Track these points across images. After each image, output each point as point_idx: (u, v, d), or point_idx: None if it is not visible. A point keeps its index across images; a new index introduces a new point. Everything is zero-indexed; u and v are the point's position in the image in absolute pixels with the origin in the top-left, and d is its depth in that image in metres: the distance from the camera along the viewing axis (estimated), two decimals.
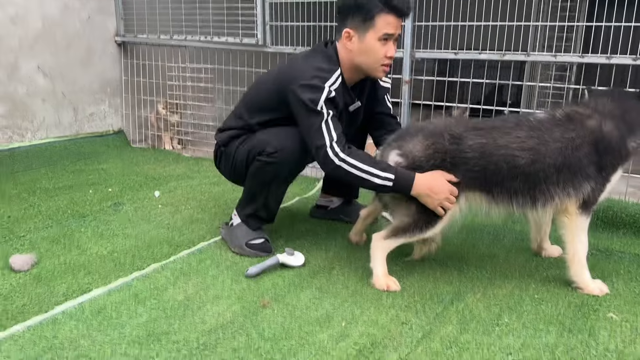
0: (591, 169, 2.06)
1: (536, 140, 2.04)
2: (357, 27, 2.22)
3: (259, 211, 2.42)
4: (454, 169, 2.07)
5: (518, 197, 2.08)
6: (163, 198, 3.21)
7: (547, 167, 2.03)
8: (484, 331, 1.84)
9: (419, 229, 2.12)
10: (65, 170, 3.79)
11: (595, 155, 2.06)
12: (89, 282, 2.12)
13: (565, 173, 2.05)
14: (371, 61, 2.26)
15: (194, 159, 4.21)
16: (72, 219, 2.82)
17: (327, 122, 2.16)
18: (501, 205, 2.11)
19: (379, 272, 2.14)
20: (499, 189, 2.08)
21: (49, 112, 4.23)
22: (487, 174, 2.05)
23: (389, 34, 2.21)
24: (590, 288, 2.12)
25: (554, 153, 2.03)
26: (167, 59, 4.56)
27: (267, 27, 3.90)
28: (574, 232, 2.12)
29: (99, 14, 4.47)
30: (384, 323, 1.87)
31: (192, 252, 2.41)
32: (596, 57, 2.88)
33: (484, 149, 2.05)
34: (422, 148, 2.10)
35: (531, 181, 2.05)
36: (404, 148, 2.13)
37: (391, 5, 2.17)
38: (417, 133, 2.14)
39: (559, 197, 2.08)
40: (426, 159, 2.08)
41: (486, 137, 2.06)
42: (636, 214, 2.78)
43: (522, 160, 2.03)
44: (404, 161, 2.11)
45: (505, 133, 2.07)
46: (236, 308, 1.94)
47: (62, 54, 4.25)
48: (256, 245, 2.39)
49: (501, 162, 2.03)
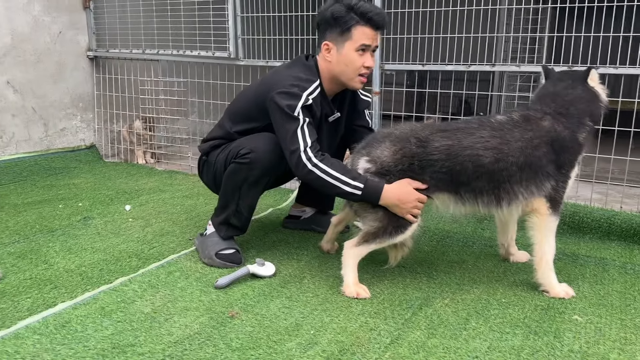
0: (550, 167, 2.12)
1: (499, 139, 2.10)
2: (335, 39, 2.29)
3: (231, 218, 2.42)
4: (422, 172, 2.12)
5: (483, 196, 2.13)
6: (134, 212, 3.19)
7: (510, 165, 2.08)
8: (452, 335, 1.85)
9: (389, 234, 2.14)
10: (35, 185, 3.74)
11: (552, 154, 2.12)
12: (54, 296, 2.09)
13: (527, 171, 2.10)
14: (349, 71, 2.32)
15: (167, 173, 4.19)
16: (40, 233, 2.78)
17: (303, 128, 2.20)
18: (468, 205, 2.16)
19: (349, 280, 2.15)
20: (465, 189, 2.12)
21: (19, 127, 4.17)
22: (454, 175, 2.10)
23: (366, 45, 2.28)
24: (557, 291, 2.16)
25: (515, 152, 2.09)
26: (139, 73, 4.55)
27: (239, 41, 3.93)
28: (543, 232, 2.16)
29: (70, 29, 4.45)
30: (353, 330, 1.87)
31: (161, 265, 2.39)
32: (558, 67, 2.96)
33: (450, 150, 2.10)
34: (390, 153, 2.14)
35: (495, 180, 2.10)
36: (373, 154, 2.17)
37: (367, 18, 2.25)
38: (385, 139, 2.17)
39: (522, 195, 2.13)
40: (394, 164, 2.12)
41: (451, 139, 2.12)
42: (601, 219, 2.84)
43: (486, 159, 2.08)
44: (373, 167, 2.14)
45: (469, 134, 2.13)
46: (204, 319, 1.92)
47: (31, 69, 4.21)
48: (226, 256, 2.38)
49: (467, 162, 2.08)
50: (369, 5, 2.28)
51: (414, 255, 2.56)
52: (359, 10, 2.24)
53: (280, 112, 2.23)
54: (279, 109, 2.23)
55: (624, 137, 3.06)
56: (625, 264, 2.51)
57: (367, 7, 2.26)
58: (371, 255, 2.25)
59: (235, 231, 2.47)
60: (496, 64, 3.54)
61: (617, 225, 2.81)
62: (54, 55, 4.36)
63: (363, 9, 2.25)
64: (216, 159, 2.46)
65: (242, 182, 2.34)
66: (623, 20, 3.03)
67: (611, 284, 2.30)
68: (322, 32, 2.34)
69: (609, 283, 2.30)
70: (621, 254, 2.65)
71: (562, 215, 2.90)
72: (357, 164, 2.19)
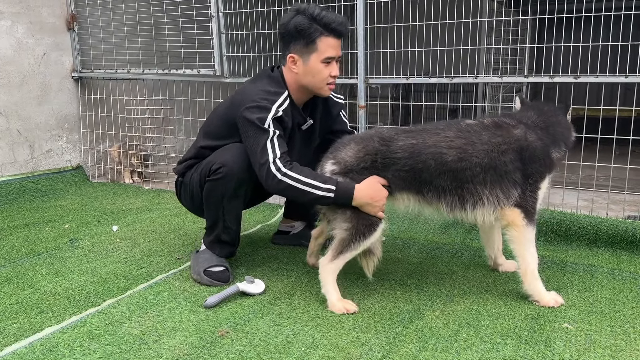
0: (517, 175, 2.15)
1: (464, 140, 2.14)
2: (300, 51, 2.31)
3: (221, 235, 2.42)
4: (385, 170, 2.15)
5: (447, 196, 2.15)
6: (121, 232, 3.16)
7: (474, 165, 2.11)
8: (443, 348, 1.85)
9: (362, 235, 2.13)
10: (21, 208, 3.70)
11: (520, 163, 2.14)
12: (41, 320, 2.06)
13: (492, 174, 2.12)
14: (317, 81, 2.34)
15: (155, 192, 4.17)
16: (26, 257, 2.74)
17: (273, 140, 2.22)
18: (431, 205, 2.19)
19: (333, 298, 2.14)
20: (428, 188, 2.15)
21: (4, 150, 4.14)
22: (417, 172, 2.13)
23: (330, 57, 2.31)
24: (546, 300, 2.17)
25: (480, 153, 2.11)
26: (125, 92, 4.55)
27: (224, 59, 3.95)
28: (522, 244, 2.17)
29: (54, 50, 4.45)
30: (344, 345, 1.86)
31: (149, 285, 2.36)
32: (540, 77, 3.01)
33: (413, 149, 2.13)
34: (353, 153, 2.18)
35: (459, 179, 2.12)
36: (338, 156, 2.21)
37: (330, 28, 2.28)
38: (350, 142, 2.24)
39: (487, 198, 2.15)
40: (357, 162, 2.16)
41: (416, 138, 2.16)
42: (588, 226, 2.86)
43: (449, 157, 2.11)
44: (337, 168, 2.18)
45: (434, 134, 2.17)
46: (193, 339, 1.90)
47: (16, 91, 4.19)
48: (214, 273, 2.37)
49: (429, 160, 2.11)
50: (331, 15, 2.29)
51: (403, 267, 2.56)
52: (322, 21, 2.26)
53: (251, 125, 2.23)
54: (250, 122, 2.23)
55: (608, 144, 3.09)
56: (613, 270, 2.53)
57: (330, 17, 2.28)
58: (359, 268, 2.25)
59: (229, 247, 2.48)
60: (479, 75, 3.58)
61: (604, 232, 2.83)
62: (39, 77, 4.35)
63: (326, 19, 2.27)
64: (191, 179, 2.47)
65: (222, 198, 2.34)
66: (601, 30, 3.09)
67: (600, 290, 2.31)
68: (285, 43, 2.35)
69: (597, 290, 2.32)
70: (609, 261, 2.66)
71: (549, 223, 2.94)
72: (324, 167, 2.23)
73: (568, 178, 3.40)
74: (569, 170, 3.24)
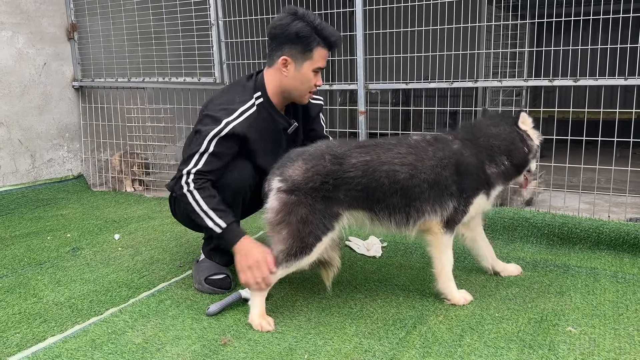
0: (454, 188, 2.15)
1: (414, 156, 2.13)
2: (296, 56, 2.31)
3: (219, 244, 2.40)
4: (336, 190, 2.06)
5: (396, 213, 2.13)
6: (123, 240, 3.16)
7: (422, 182, 2.10)
8: (447, 353, 1.84)
9: (294, 256, 2.06)
10: (23, 218, 3.70)
11: (456, 176, 2.15)
12: (44, 330, 2.06)
13: (435, 190, 2.13)
14: (303, 88, 2.38)
15: (156, 200, 4.17)
16: (28, 266, 2.74)
17: (202, 155, 2.24)
18: (382, 223, 2.16)
19: (255, 312, 2.08)
20: (380, 206, 2.12)
21: (5, 160, 4.15)
22: (370, 191, 2.09)
23: (321, 68, 2.36)
24: (456, 299, 2.22)
25: (427, 169, 2.11)
26: (125, 101, 4.56)
27: (224, 66, 3.97)
28: (440, 249, 2.21)
29: (55, 60, 4.46)
30: (347, 352, 1.86)
31: (151, 294, 2.36)
32: (539, 81, 3.01)
33: (367, 166, 2.08)
34: (302, 172, 2.07)
35: (408, 197, 2.11)
36: (285, 174, 2.10)
37: (328, 42, 2.32)
38: (298, 158, 2.13)
39: (428, 213, 2.15)
40: (305, 182, 2.05)
41: (370, 154, 2.11)
42: (590, 229, 2.86)
43: (401, 175, 2.09)
44: (284, 185, 2.07)
45: (387, 149, 2.14)
46: (196, 347, 1.90)
47: (17, 101, 4.21)
48: (215, 281, 2.37)
49: (383, 178, 2.08)
50: (330, 29, 2.32)
51: (406, 272, 2.56)
52: (322, 33, 2.29)
53: (195, 133, 2.30)
54: (195, 131, 2.30)
55: (608, 146, 3.10)
56: (616, 273, 2.52)
57: (329, 30, 2.30)
58: (366, 274, 2.24)
59: (228, 255, 2.42)
60: (478, 79, 3.59)
61: (606, 235, 2.83)
62: (39, 87, 4.36)
63: (326, 32, 2.29)
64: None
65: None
66: (600, 33, 3.10)
67: (603, 293, 2.31)
68: (278, 44, 2.33)
69: (601, 293, 2.31)
70: (612, 263, 2.66)
71: (551, 226, 2.94)
72: (271, 183, 2.12)
73: (569, 181, 3.40)
74: (570, 173, 3.24)
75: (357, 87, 3.47)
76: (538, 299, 2.25)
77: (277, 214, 2.06)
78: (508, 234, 3.02)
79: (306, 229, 2.04)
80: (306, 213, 2.03)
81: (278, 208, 2.06)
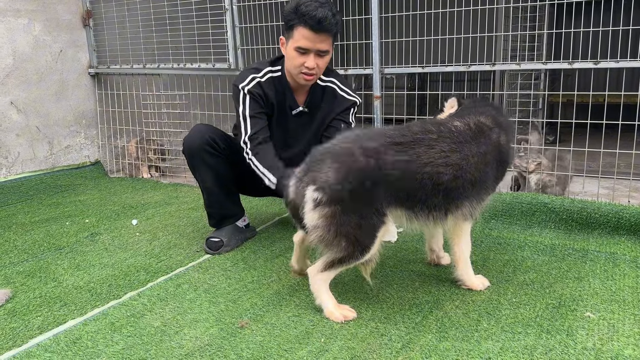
0: (491, 181, 2.12)
1: (458, 154, 1.99)
2: (287, 36, 2.44)
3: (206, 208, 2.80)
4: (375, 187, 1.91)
5: (436, 211, 2.03)
6: (141, 226, 3.19)
7: (466, 182, 2.01)
8: (463, 338, 1.84)
9: (355, 258, 1.95)
10: (42, 204, 3.75)
11: (495, 170, 2.12)
12: (64, 313, 2.09)
13: (477, 187, 2.06)
14: (291, 67, 2.47)
15: (172, 186, 4.20)
16: (48, 251, 2.79)
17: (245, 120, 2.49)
18: (420, 220, 2.04)
19: (330, 306, 2.01)
20: (420, 206, 1.99)
21: (23, 146, 4.20)
22: (409, 193, 1.95)
23: (302, 48, 2.38)
24: (475, 284, 2.21)
25: (472, 168, 2.01)
26: (141, 88, 4.57)
27: (238, 52, 3.95)
28: (460, 235, 2.18)
29: (71, 47, 4.49)
30: (364, 336, 1.86)
31: (169, 278, 2.39)
32: (559, 64, 2.95)
33: (407, 167, 1.92)
34: (336, 173, 1.88)
35: (451, 197, 2.01)
36: (318, 180, 1.88)
37: (303, 20, 2.32)
38: (325, 157, 1.93)
39: (466, 207, 2.10)
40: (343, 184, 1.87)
41: (408, 153, 1.93)
42: (609, 214, 2.82)
43: (446, 177, 1.96)
44: (323, 196, 1.87)
45: (428, 147, 1.96)
46: (214, 330, 1.92)
47: (34, 88, 4.24)
48: (207, 242, 2.70)
49: (426, 180, 1.93)
50: (310, 8, 2.28)
51: (421, 257, 2.55)
52: (299, 11, 2.31)
53: (233, 89, 2.55)
54: (233, 86, 2.55)
55: (629, 130, 3.04)
56: (636, 258, 2.49)
57: (308, 9, 2.28)
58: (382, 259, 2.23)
59: (211, 219, 2.78)
60: (496, 63, 3.53)
61: (626, 219, 2.79)
62: (56, 74, 4.39)
63: (304, 10, 2.29)
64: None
65: (193, 173, 2.72)
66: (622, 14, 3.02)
67: (622, 279, 2.28)
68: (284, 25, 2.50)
69: (620, 278, 2.28)
70: (631, 249, 2.62)
71: (570, 211, 2.91)
72: (305, 194, 1.91)
73: (588, 166, 3.35)
74: (589, 158, 3.19)
75: (373, 71, 3.44)
76: (556, 284, 2.23)
77: (328, 231, 1.90)
78: (526, 219, 2.99)
79: (363, 233, 1.92)
80: (358, 218, 1.90)
81: (327, 226, 1.89)
